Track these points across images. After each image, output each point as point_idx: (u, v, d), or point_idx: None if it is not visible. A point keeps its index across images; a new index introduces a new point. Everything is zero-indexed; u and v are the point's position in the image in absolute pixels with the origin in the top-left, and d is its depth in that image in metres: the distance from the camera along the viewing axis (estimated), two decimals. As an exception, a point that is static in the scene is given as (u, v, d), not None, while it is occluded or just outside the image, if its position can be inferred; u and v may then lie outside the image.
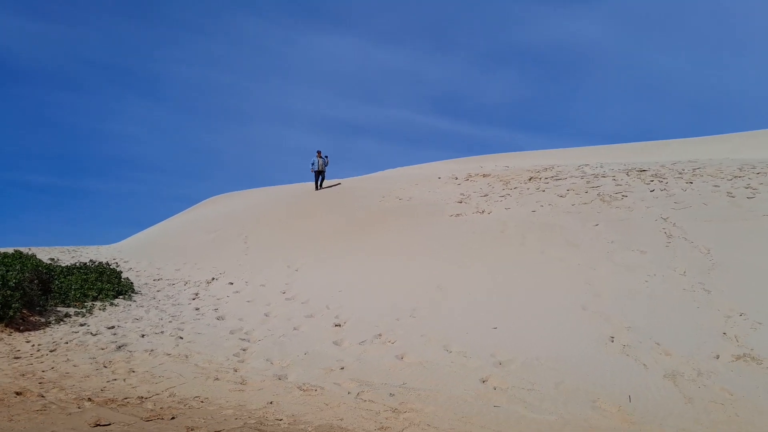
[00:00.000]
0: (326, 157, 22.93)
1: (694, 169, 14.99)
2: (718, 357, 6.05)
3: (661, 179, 14.16)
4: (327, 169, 23.20)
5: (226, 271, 13.38)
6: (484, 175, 18.96)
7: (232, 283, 12.02)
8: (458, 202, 15.23)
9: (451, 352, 6.91)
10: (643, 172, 15.42)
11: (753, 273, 7.99)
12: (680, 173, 14.64)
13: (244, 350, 7.70)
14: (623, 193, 13.19)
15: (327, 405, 5.57)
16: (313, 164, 22.80)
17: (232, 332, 8.58)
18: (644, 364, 6.07)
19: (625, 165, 17.76)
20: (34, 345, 7.76)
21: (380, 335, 7.74)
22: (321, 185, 23.16)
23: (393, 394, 5.81)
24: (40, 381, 6.25)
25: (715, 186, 12.67)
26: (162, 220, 27.74)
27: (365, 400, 5.68)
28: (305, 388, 6.11)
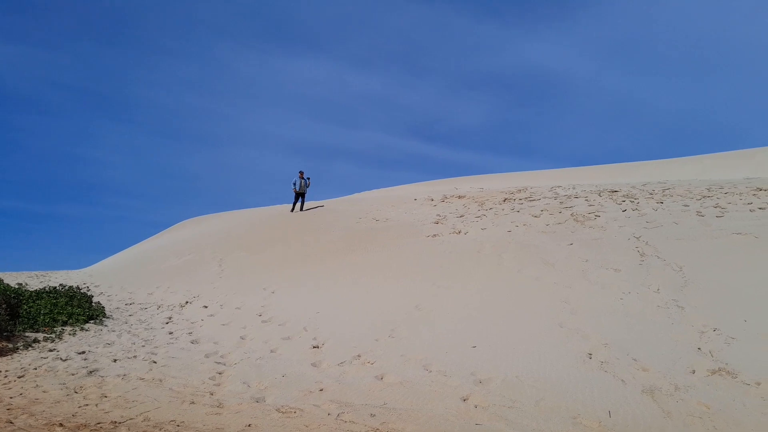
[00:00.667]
0: (308, 178, 22.69)
1: (664, 190, 15.33)
2: (694, 372, 6.13)
3: (632, 200, 14.44)
4: (307, 191, 23.01)
5: (201, 294, 13.17)
6: (459, 197, 19.11)
7: (206, 307, 11.83)
8: (435, 223, 15.30)
9: (431, 371, 6.87)
10: (614, 193, 15.72)
11: (725, 289, 8.15)
12: (651, 193, 14.95)
13: (220, 374, 7.55)
14: (596, 213, 13.41)
15: (307, 426, 5.47)
16: (294, 184, 22.58)
17: (207, 356, 8.42)
18: (622, 380, 6.11)
19: (596, 186, 18.09)
20: (1, 371, 7.50)
21: (359, 356, 7.67)
22: (302, 207, 22.93)
23: (374, 415, 5.74)
24: (8, 407, 6.03)
25: (685, 206, 12.97)
26: (133, 245, 27.29)
27: (346, 421, 5.60)
28: (284, 411, 6.00)
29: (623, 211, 13.33)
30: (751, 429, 4.96)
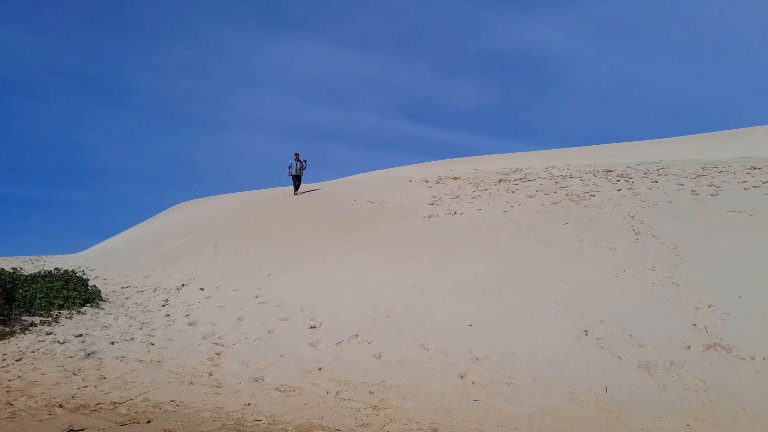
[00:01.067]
0: (305, 161, 22.10)
1: (658, 169, 15.36)
2: (689, 347, 6.18)
3: (627, 179, 14.46)
4: (304, 173, 22.49)
5: (197, 277, 13.16)
6: (454, 178, 19.09)
7: (203, 289, 11.83)
8: (430, 204, 15.30)
9: (428, 349, 6.92)
10: (609, 173, 15.74)
11: (719, 267, 8.20)
12: (645, 173, 14.98)
13: (218, 354, 7.57)
14: (591, 193, 13.43)
15: (306, 405, 5.51)
16: (290, 167, 21.93)
17: (204, 337, 8.43)
18: (618, 356, 6.17)
19: (591, 166, 18.10)
20: (-2, 354, 7.51)
21: (357, 336, 7.70)
22: (297, 190, 22.42)
23: (372, 392, 5.78)
24: (7, 390, 6.04)
25: (680, 185, 13.00)
26: (129, 228, 27.21)
27: (345, 399, 5.64)
28: (283, 389, 6.04)
29: (618, 190, 13.35)
30: (746, 402, 5.02)
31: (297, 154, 21.78)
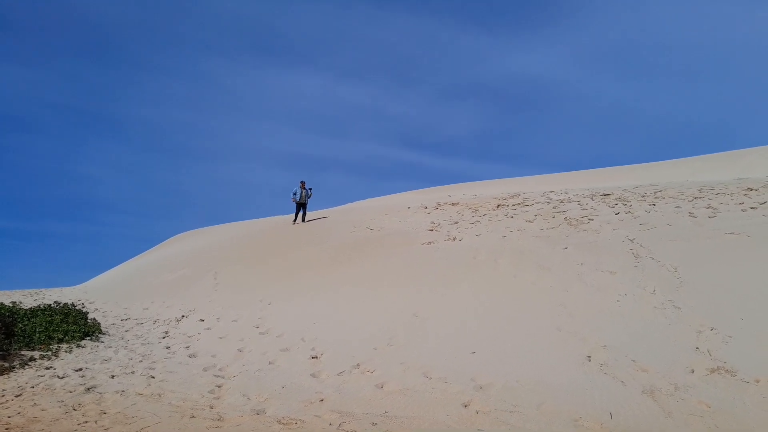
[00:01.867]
0: (310, 189, 21.62)
1: (656, 192, 15.44)
2: (693, 371, 6.16)
3: (625, 202, 14.53)
4: (309, 201, 21.97)
5: (197, 308, 13.11)
6: (453, 204, 19.16)
7: (203, 320, 11.77)
8: (429, 231, 15.33)
9: (431, 378, 6.87)
10: (607, 196, 15.81)
11: (720, 289, 8.20)
12: (643, 196, 15.05)
13: (219, 387, 7.51)
14: (589, 217, 13.48)
15: (309, 437, 5.46)
16: (294, 194, 21.44)
17: (205, 369, 8.37)
18: (622, 381, 6.13)
19: (588, 190, 18.20)
20: (-3, 391, 7.43)
21: (358, 365, 7.66)
22: (303, 218, 21.88)
23: (375, 423, 5.73)
24: (6, 427, 5.98)
25: (677, 207, 13.06)
26: (128, 260, 27.17)
27: (348, 431, 5.59)
28: (285, 422, 5.98)
29: (616, 214, 13.40)
30: (752, 426, 4.99)
31: (303, 182, 21.35)
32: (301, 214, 21.88)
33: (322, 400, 6.60)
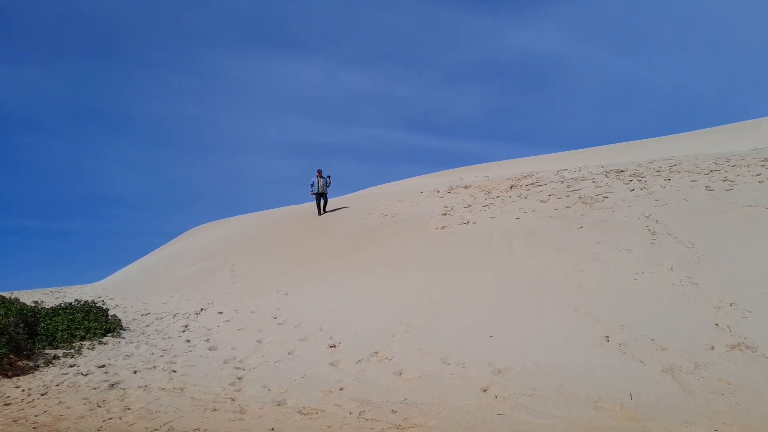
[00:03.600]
0: (328, 177, 20.42)
1: (671, 166, 15.25)
2: (713, 348, 6.11)
3: (639, 178, 14.37)
4: (329, 190, 20.86)
5: (215, 300, 13.24)
6: (465, 187, 19.07)
7: (221, 313, 11.89)
8: (443, 215, 15.29)
9: (449, 364, 6.89)
10: (621, 173, 15.64)
11: (739, 263, 8.11)
12: (658, 171, 14.87)
13: (239, 379, 7.60)
14: (604, 195, 13.35)
15: (329, 427, 5.51)
16: (312, 185, 20.24)
17: (225, 362, 8.47)
18: (641, 361, 6.10)
19: (602, 167, 18.01)
20: (24, 390, 7.58)
21: (376, 353, 7.69)
22: (324, 209, 20.73)
23: (395, 411, 5.77)
24: (33, 426, 6.10)
25: (693, 181, 12.89)
26: (144, 256, 27.44)
27: (368, 419, 5.63)
28: (306, 412, 6.04)
29: (631, 190, 13.26)
30: (774, 402, 4.95)
31: (320, 171, 20.19)
32: (322, 204, 20.72)
33: (341, 389, 6.65)
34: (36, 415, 6.52)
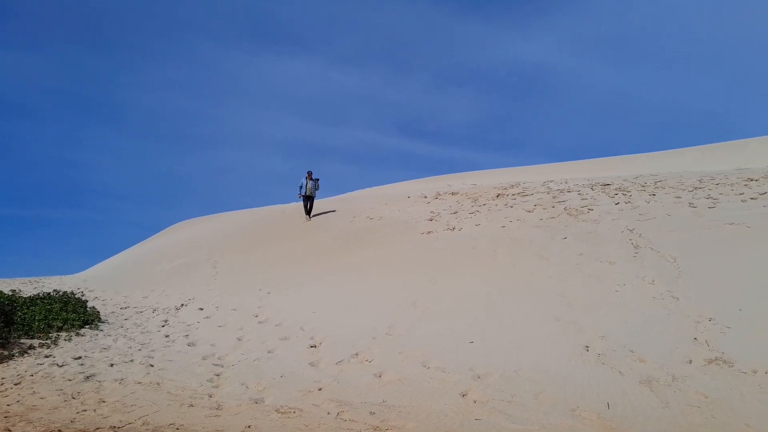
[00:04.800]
0: (317, 180, 19.56)
1: (656, 182, 15.41)
2: (690, 362, 6.17)
3: (624, 192, 14.51)
4: (317, 194, 20.10)
5: (196, 296, 13.13)
6: (452, 194, 19.14)
7: (202, 309, 11.79)
8: (429, 220, 15.32)
9: (429, 368, 6.89)
10: (607, 186, 15.78)
11: (719, 279, 8.20)
12: (643, 186, 15.03)
13: (218, 375, 7.53)
14: (589, 207, 13.46)
15: (307, 426, 5.47)
16: (301, 187, 19.48)
17: (204, 358, 8.39)
18: (620, 372, 6.14)
19: (589, 180, 18.16)
20: (-3, 379, 7.45)
21: (357, 354, 7.67)
22: (309, 213, 20.03)
23: (373, 413, 5.75)
24: (5, 415, 6.00)
25: (677, 197, 13.04)
26: (127, 248, 27.17)
27: (345, 420, 5.60)
28: (283, 411, 6.00)
29: (616, 204, 13.38)
30: (749, 417, 5.00)
31: (309, 173, 19.44)
32: (308, 207, 20.05)
33: (320, 389, 6.62)
34: (8, 405, 6.41)
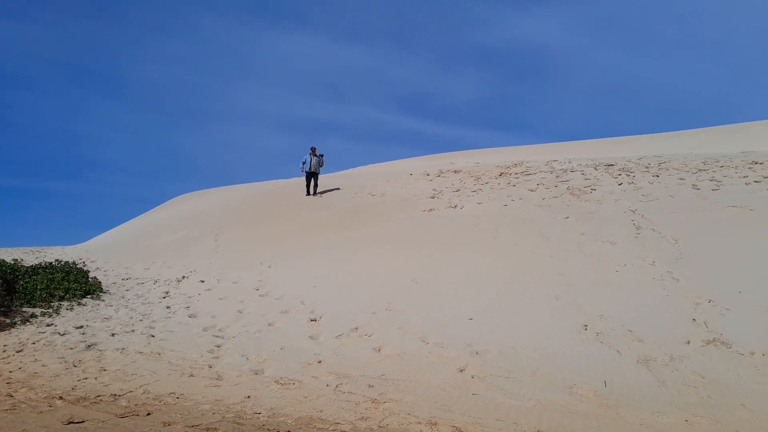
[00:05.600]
0: (321, 156, 19.10)
1: (660, 164, 15.33)
2: (689, 342, 6.19)
3: (628, 173, 14.44)
4: (321, 170, 19.57)
5: (197, 269, 13.17)
6: (455, 171, 19.07)
7: (203, 281, 11.84)
8: (431, 198, 15.29)
9: (428, 343, 6.93)
10: (610, 167, 15.71)
11: (720, 261, 8.20)
12: (647, 167, 14.95)
13: (218, 347, 7.59)
14: (592, 187, 13.41)
15: (306, 398, 5.52)
16: (304, 163, 18.97)
17: (205, 329, 8.45)
18: (618, 351, 6.17)
19: (592, 160, 18.07)
20: (-1, 346, 7.52)
21: (357, 329, 7.71)
22: (315, 190, 19.53)
23: (372, 386, 5.79)
24: (7, 381, 6.06)
25: (681, 179, 12.98)
26: (128, 221, 27.21)
27: (344, 392, 5.65)
28: (283, 382, 6.05)
29: (619, 184, 13.33)
30: (745, 397, 5.03)
31: (313, 148, 18.88)
32: (312, 184, 19.51)
33: (319, 362, 6.67)
34: (10, 372, 6.48)
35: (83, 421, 4.67)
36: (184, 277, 12.57)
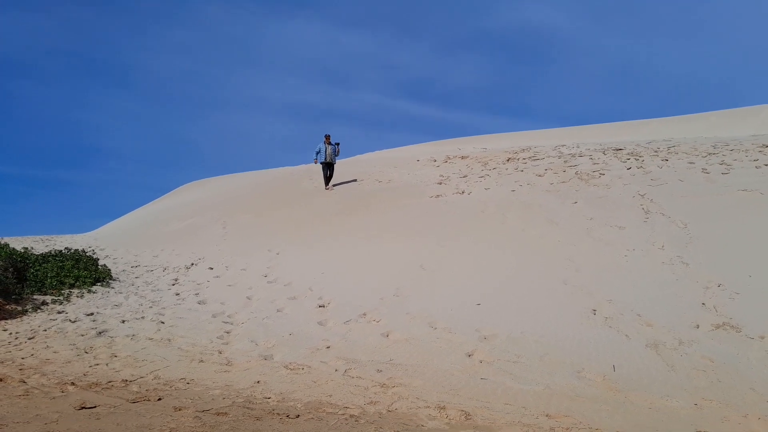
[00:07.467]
0: (337, 144, 17.37)
1: (669, 147, 15.21)
2: (698, 326, 6.17)
3: (637, 157, 14.34)
4: (336, 160, 17.97)
5: (206, 256, 13.23)
6: (462, 157, 19.00)
7: (212, 268, 11.89)
8: (438, 184, 15.25)
9: (436, 328, 6.94)
10: (619, 151, 15.60)
11: (729, 246, 8.15)
12: (656, 151, 14.84)
13: (227, 333, 7.63)
14: (600, 172, 13.34)
15: (315, 382, 5.56)
16: (318, 153, 17.35)
17: (214, 316, 8.50)
18: (626, 335, 6.16)
19: (601, 144, 17.96)
20: (11, 333, 7.60)
21: (365, 314, 7.73)
22: (328, 183, 17.96)
23: (380, 370, 5.82)
24: (20, 367, 6.13)
25: (690, 163, 12.88)
26: (136, 209, 27.34)
27: (353, 377, 5.68)
28: (292, 367, 6.08)
29: (628, 169, 13.25)
30: (755, 381, 5.02)
31: (327, 136, 17.23)
32: (328, 175, 17.90)
33: (328, 347, 6.70)
34: (23, 358, 6.55)
35: (95, 407, 4.71)
36: (192, 264, 12.62)
